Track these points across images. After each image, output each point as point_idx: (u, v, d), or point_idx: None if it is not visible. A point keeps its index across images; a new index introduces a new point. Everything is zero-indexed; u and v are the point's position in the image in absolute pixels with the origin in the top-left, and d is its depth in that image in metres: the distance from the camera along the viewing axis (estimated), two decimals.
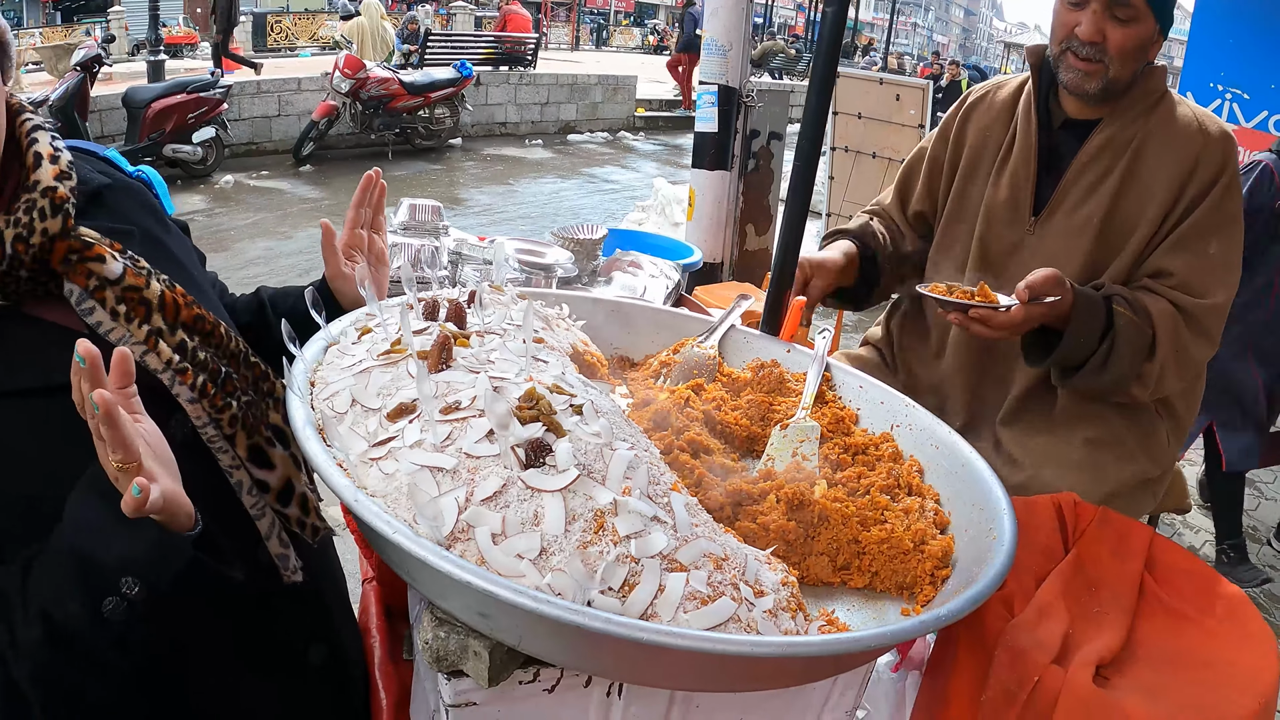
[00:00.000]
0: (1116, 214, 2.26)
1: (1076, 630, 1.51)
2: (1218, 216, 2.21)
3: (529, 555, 0.96)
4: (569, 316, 1.79)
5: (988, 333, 2.11)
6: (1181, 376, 2.25)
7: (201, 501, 1.17)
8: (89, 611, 1.06)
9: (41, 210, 1.22)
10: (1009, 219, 2.38)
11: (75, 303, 1.25)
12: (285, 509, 1.45)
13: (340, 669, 1.65)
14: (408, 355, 1.24)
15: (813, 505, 1.39)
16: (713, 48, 5.77)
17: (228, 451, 1.36)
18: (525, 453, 1.05)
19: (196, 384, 1.31)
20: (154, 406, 1.19)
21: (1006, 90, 2.48)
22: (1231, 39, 7.26)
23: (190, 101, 10.95)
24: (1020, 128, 2.37)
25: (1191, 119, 2.25)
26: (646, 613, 0.95)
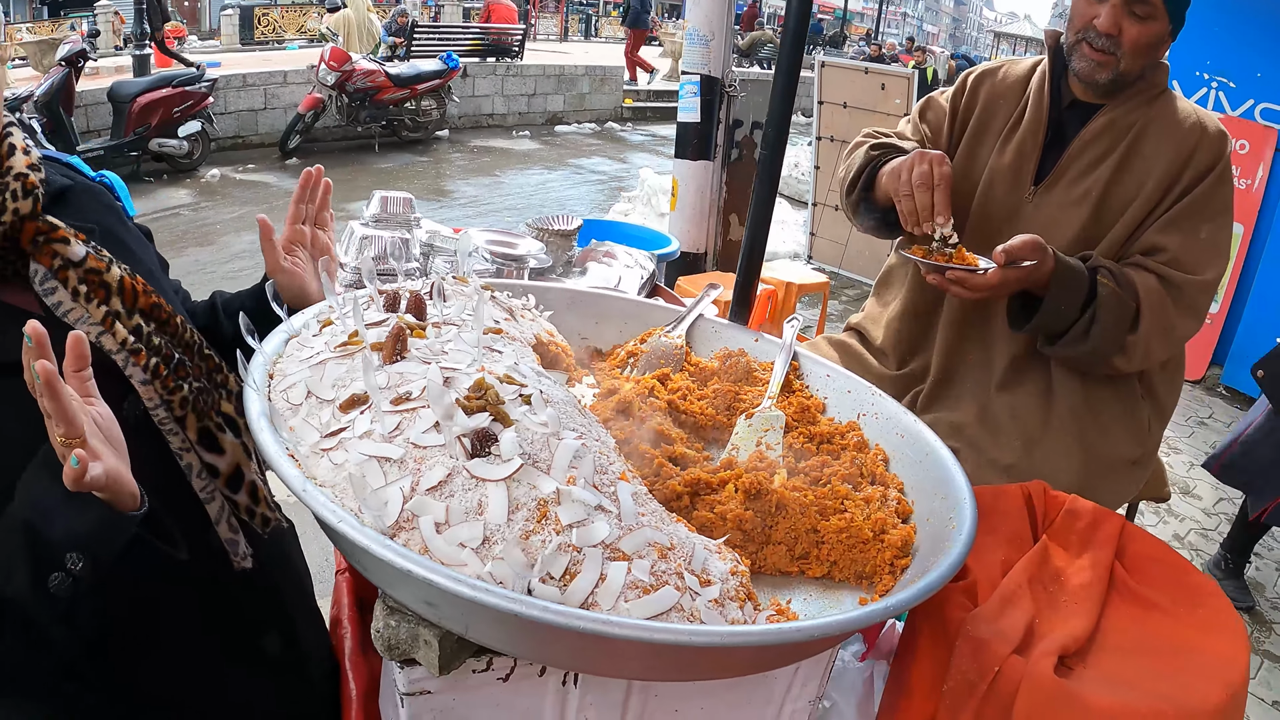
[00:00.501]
0: (1113, 190, 2.31)
1: (1042, 619, 1.50)
2: (1211, 204, 2.27)
3: (471, 544, 0.97)
4: (535, 307, 1.78)
5: (965, 293, 2.16)
6: (1166, 350, 2.30)
7: (152, 483, 1.20)
8: (35, 586, 1.08)
9: (14, 192, 1.27)
10: (1010, 185, 2.43)
11: (38, 282, 1.29)
12: (234, 495, 1.48)
13: (297, 659, 1.67)
14: (363, 347, 1.24)
15: (770, 494, 1.39)
16: (695, 38, 5.77)
17: (178, 434, 1.39)
18: (471, 442, 1.05)
19: (149, 366, 1.35)
20: (109, 388, 1.22)
21: (1019, 68, 2.55)
22: (1218, 28, 7.28)
23: (176, 95, 10.90)
24: (1032, 101, 2.43)
25: (1191, 113, 2.32)
26: (587, 601, 0.95)
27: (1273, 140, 7.08)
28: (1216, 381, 7.50)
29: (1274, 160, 7.09)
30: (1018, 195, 2.42)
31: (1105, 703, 1.32)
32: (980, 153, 2.51)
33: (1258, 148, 7.14)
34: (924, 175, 2.18)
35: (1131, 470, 2.43)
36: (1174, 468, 6.02)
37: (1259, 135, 7.15)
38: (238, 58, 16.73)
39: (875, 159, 2.45)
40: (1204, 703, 1.34)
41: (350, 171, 12.37)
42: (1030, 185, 2.41)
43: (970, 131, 2.54)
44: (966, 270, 2.12)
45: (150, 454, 1.33)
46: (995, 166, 2.45)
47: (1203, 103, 7.41)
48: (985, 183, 2.46)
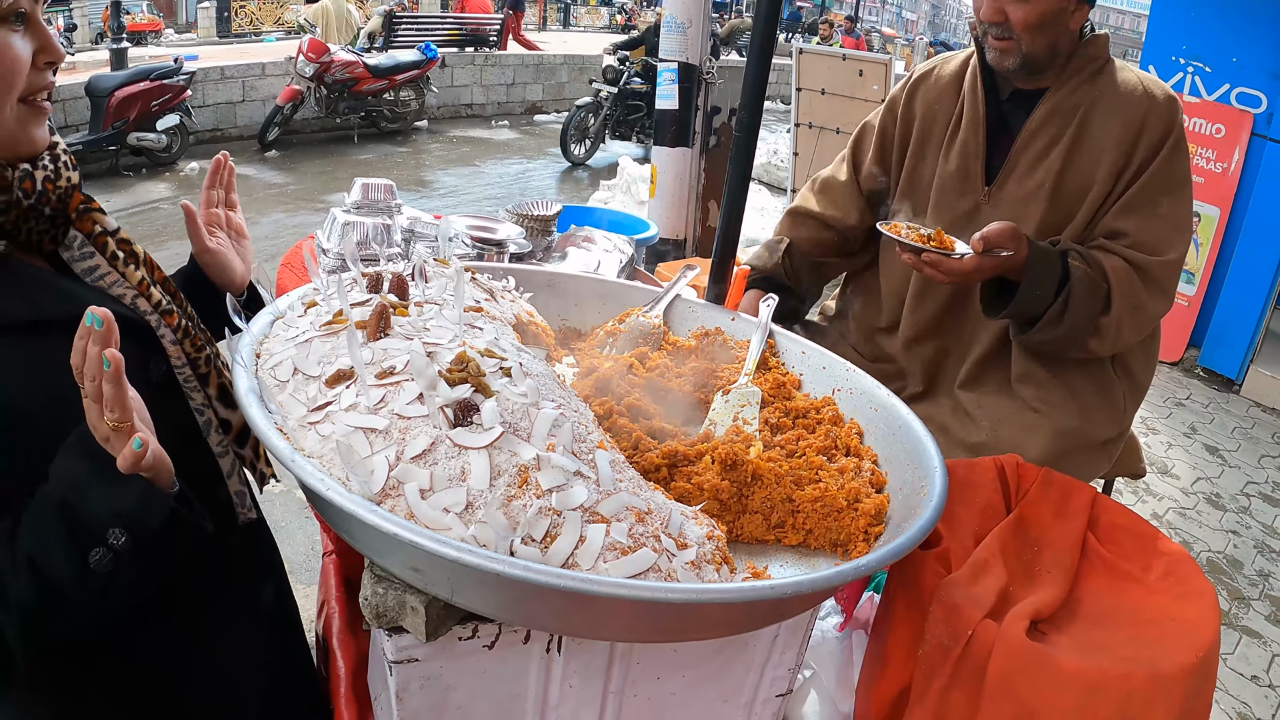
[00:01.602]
0: (1067, 178, 2.30)
1: (1016, 587, 1.54)
2: (1167, 177, 2.25)
3: (455, 509, 1.00)
4: (515, 289, 1.81)
5: (939, 277, 2.16)
6: (1138, 331, 2.29)
7: (170, 440, 1.25)
8: (75, 562, 1.13)
9: (65, 163, 1.40)
10: (961, 189, 2.42)
11: (76, 248, 1.41)
12: (242, 450, 1.57)
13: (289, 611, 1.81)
14: (348, 325, 1.26)
15: (746, 465, 1.42)
16: (672, 25, 5.79)
17: (200, 391, 1.49)
18: (454, 412, 1.08)
19: (179, 326, 1.45)
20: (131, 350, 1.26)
21: (952, 65, 2.51)
22: (1193, 12, 7.33)
23: (154, 89, 10.84)
24: (967, 100, 2.40)
25: (1136, 83, 2.29)
26: (567, 562, 0.99)
27: (1248, 124, 7.13)
28: (1194, 363, 7.57)
29: (1250, 144, 7.15)
30: (972, 198, 2.41)
31: (1077, 665, 1.34)
32: (926, 163, 2.51)
33: (1233, 131, 7.20)
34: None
35: (1103, 449, 2.43)
36: (1152, 448, 6.09)
37: (1234, 119, 7.20)
38: (215, 50, 16.67)
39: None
40: (1173, 666, 1.37)
41: (330, 163, 12.34)
42: (983, 186, 2.40)
43: (914, 144, 2.53)
44: (942, 253, 2.12)
45: (170, 411, 1.41)
46: (943, 173, 2.45)
47: (1179, 87, 7.47)
48: (936, 191, 2.46)
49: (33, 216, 1.34)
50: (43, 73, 1.31)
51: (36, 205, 1.33)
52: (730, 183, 2.07)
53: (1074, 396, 2.37)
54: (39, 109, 1.32)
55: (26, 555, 1.14)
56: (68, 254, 1.41)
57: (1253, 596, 4.59)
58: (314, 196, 10.53)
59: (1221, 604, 4.46)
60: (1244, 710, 3.78)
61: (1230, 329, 7.29)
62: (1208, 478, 5.80)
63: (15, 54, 1.25)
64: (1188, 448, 6.21)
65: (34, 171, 1.33)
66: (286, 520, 4.17)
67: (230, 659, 1.58)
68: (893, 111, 2.58)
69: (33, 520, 1.16)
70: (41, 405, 1.21)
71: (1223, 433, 6.53)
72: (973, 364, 2.47)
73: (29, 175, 1.32)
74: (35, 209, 1.34)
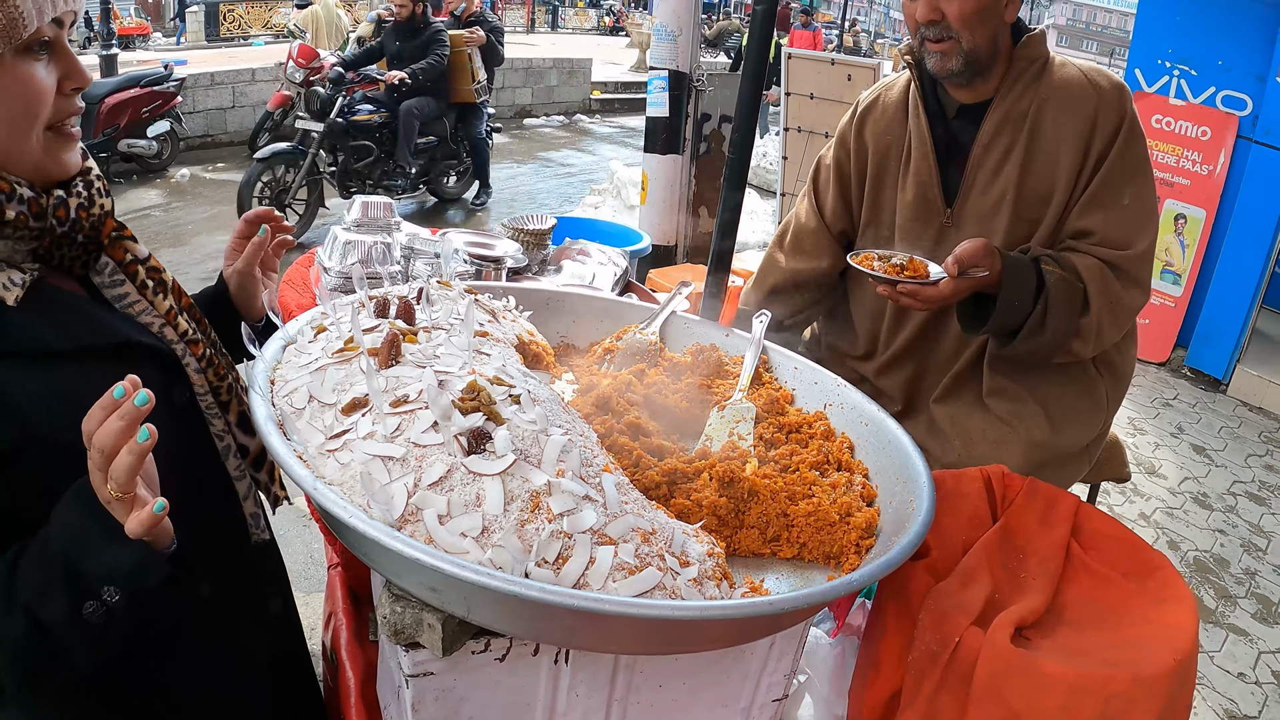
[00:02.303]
0: (1026, 186, 2.29)
1: (1002, 595, 1.58)
2: (1125, 166, 2.23)
3: (472, 533, 1.06)
4: (515, 308, 1.87)
5: (917, 305, 2.17)
6: (1118, 328, 2.30)
7: (192, 464, 1.33)
8: (69, 613, 1.14)
9: (98, 190, 1.41)
10: (922, 216, 2.42)
11: (106, 275, 1.43)
12: (258, 474, 1.61)
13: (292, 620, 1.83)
14: (359, 353, 1.32)
15: (743, 482, 1.48)
16: (663, 33, 5.83)
17: (221, 418, 1.52)
18: (467, 440, 1.14)
19: (203, 355, 1.48)
20: (153, 377, 1.33)
21: (895, 90, 2.50)
22: (1179, 16, 7.39)
23: (144, 95, 10.85)
24: (913, 124, 2.40)
25: (1080, 77, 2.27)
26: (579, 582, 1.05)
27: (1234, 126, 7.21)
28: (1181, 364, 7.64)
29: (1235, 146, 7.22)
30: (935, 222, 2.41)
31: (1060, 670, 1.39)
32: (885, 194, 2.50)
33: (1219, 134, 7.28)
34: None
35: (1082, 453, 2.46)
36: (1139, 448, 6.15)
37: (1220, 121, 7.28)
38: (203, 55, 16.64)
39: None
40: (1154, 668, 1.41)
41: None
42: (943, 208, 2.39)
43: (870, 177, 2.51)
44: (918, 283, 2.12)
45: (190, 437, 1.47)
46: (903, 204, 2.44)
47: (1164, 91, 7.54)
48: (900, 222, 2.45)
49: (66, 243, 1.37)
50: (69, 99, 1.32)
51: (70, 233, 1.36)
52: (724, 203, 2.12)
53: (1045, 408, 2.37)
54: (67, 135, 1.34)
55: (23, 599, 1.16)
56: (98, 279, 1.43)
57: (1239, 594, 4.65)
58: None
59: (1208, 602, 4.53)
60: (1230, 707, 3.84)
61: (1217, 329, 7.35)
62: (1195, 477, 5.86)
63: (39, 83, 1.26)
64: (1175, 448, 6.27)
65: (68, 199, 1.35)
66: (285, 529, 4.22)
67: (235, 671, 1.62)
68: (845, 147, 2.56)
69: (32, 566, 1.17)
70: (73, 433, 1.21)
71: (1209, 432, 6.59)
72: (949, 380, 2.48)
73: (63, 202, 1.34)
74: (69, 236, 1.36)
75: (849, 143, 2.55)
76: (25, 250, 1.32)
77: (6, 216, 1.25)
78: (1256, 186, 7.04)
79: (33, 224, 1.29)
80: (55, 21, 1.27)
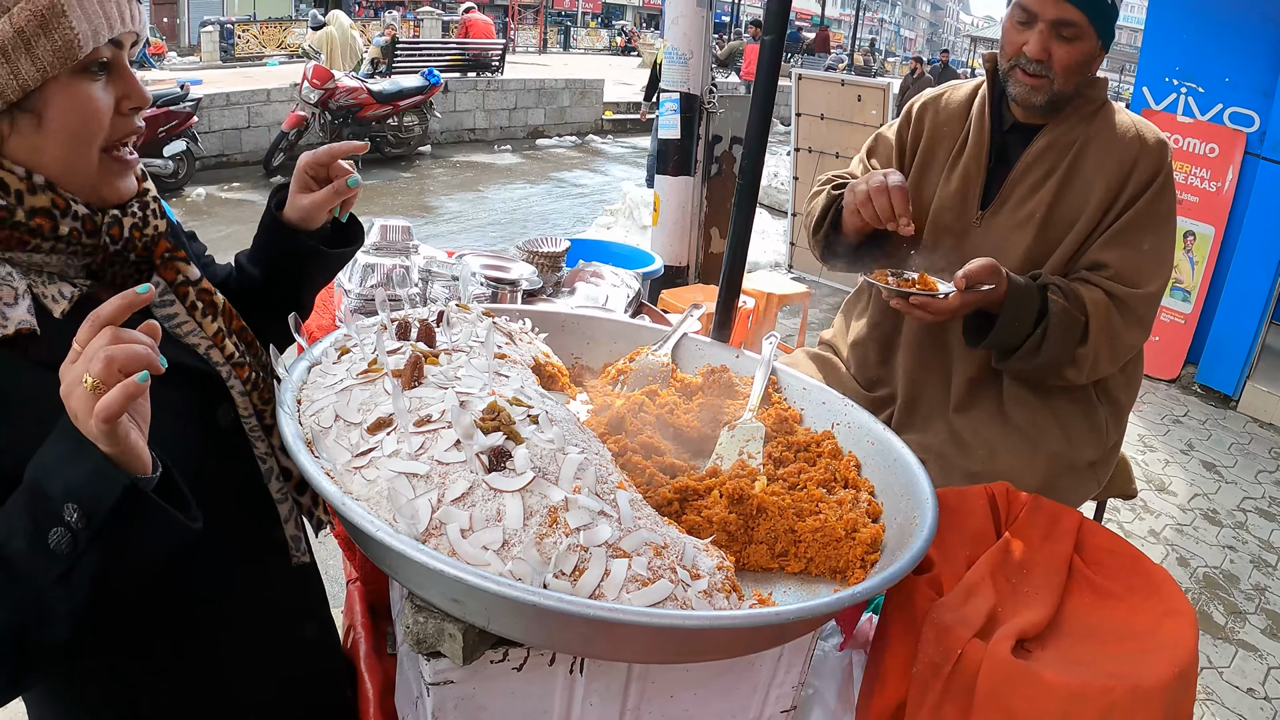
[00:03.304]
0: (1057, 210, 2.38)
1: (1004, 608, 1.61)
2: (1152, 215, 2.34)
3: (493, 547, 1.11)
4: (531, 330, 1.92)
5: (928, 317, 2.26)
6: (1114, 361, 2.37)
7: (234, 484, 1.36)
8: (36, 543, 1.10)
9: (153, 210, 1.44)
10: (958, 210, 2.50)
11: (157, 295, 1.43)
12: (301, 497, 1.62)
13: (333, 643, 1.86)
14: (384, 374, 1.38)
15: (752, 499, 1.52)
16: (674, 56, 5.89)
17: (264, 440, 1.53)
18: (488, 458, 1.19)
19: (249, 379, 1.50)
20: (204, 396, 1.40)
21: (961, 92, 2.61)
22: (1186, 34, 7.43)
23: (160, 115, 10.98)
24: (974, 127, 2.49)
25: (1130, 126, 2.38)
26: (594, 593, 1.10)
27: (1241, 143, 7.23)
28: (1191, 380, 7.64)
29: (1243, 162, 7.24)
30: (966, 220, 2.50)
31: (1060, 681, 1.43)
32: (928, 180, 2.58)
33: (1227, 151, 7.29)
34: (879, 181, 2.28)
35: (1091, 471, 2.51)
36: (1149, 465, 6.17)
37: (1228, 139, 7.30)
38: (218, 75, 16.79)
39: (837, 199, 2.52)
40: (1153, 679, 1.44)
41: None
42: (977, 210, 2.48)
43: (918, 161, 2.61)
44: (928, 296, 2.21)
45: (235, 457, 1.49)
46: (943, 193, 2.52)
47: (1172, 108, 7.57)
48: (935, 210, 2.53)
49: (118, 261, 1.39)
50: (127, 119, 1.34)
51: (123, 251, 1.38)
52: (734, 229, 2.17)
53: (1058, 420, 2.45)
54: (123, 161, 1.36)
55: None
56: (156, 299, 1.44)
57: (1249, 610, 4.66)
58: None
59: (1218, 618, 4.55)
60: None
61: (1227, 346, 7.36)
62: (1205, 494, 5.87)
63: (96, 104, 1.28)
64: (1185, 464, 6.28)
65: (122, 219, 1.37)
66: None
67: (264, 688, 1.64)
68: (906, 123, 2.66)
69: (7, 507, 1.15)
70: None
71: (1220, 449, 6.60)
72: (964, 386, 2.53)
73: (117, 221, 1.36)
74: (121, 254, 1.38)
75: (910, 121, 2.66)
76: (78, 265, 1.35)
77: (60, 232, 1.28)
78: (1265, 202, 7.05)
79: (86, 240, 1.32)
80: (113, 43, 1.29)
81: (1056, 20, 2.26)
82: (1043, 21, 2.27)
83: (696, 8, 5.77)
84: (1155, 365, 7.66)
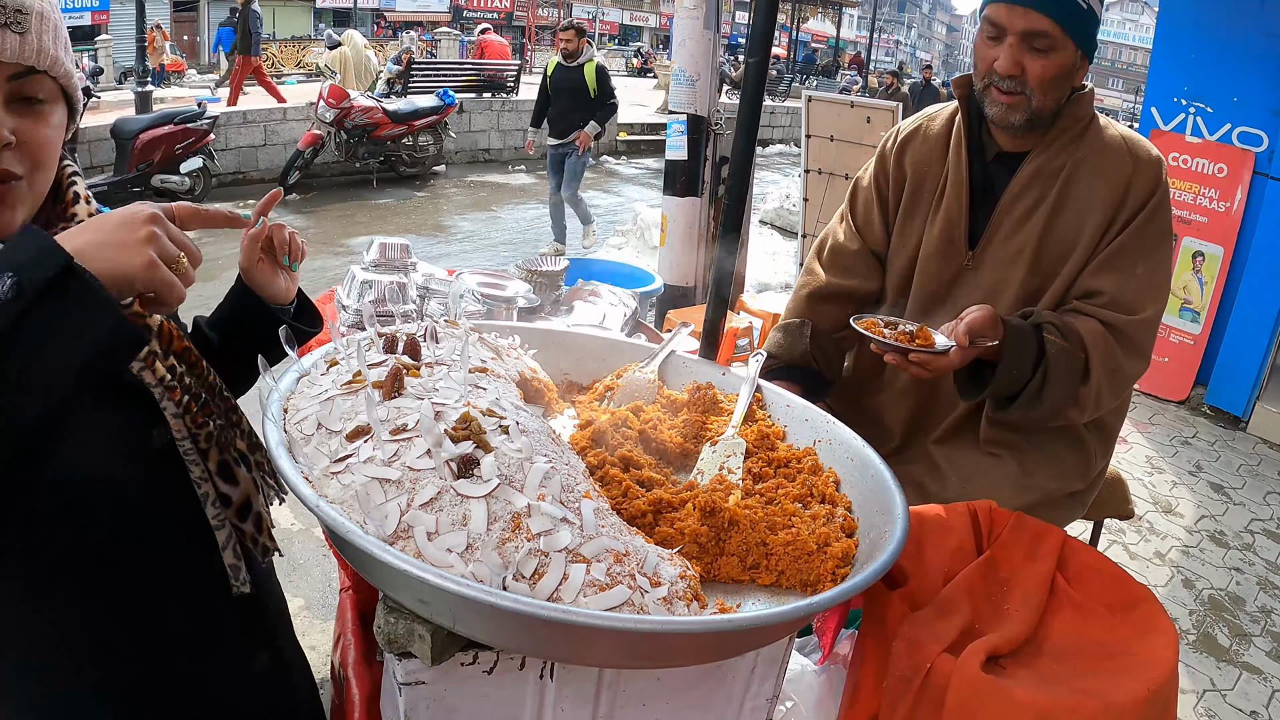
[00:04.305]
0: (1049, 241, 2.29)
1: (982, 625, 1.64)
2: (1146, 237, 2.24)
3: (457, 549, 1.15)
4: (520, 346, 1.96)
5: (926, 374, 2.16)
6: (1115, 395, 2.28)
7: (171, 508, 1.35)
8: None
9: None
10: (945, 254, 2.42)
11: None
12: (242, 524, 1.59)
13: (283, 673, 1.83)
14: (366, 385, 1.42)
15: (724, 512, 1.55)
16: (681, 78, 5.94)
17: (199, 465, 1.51)
18: (457, 465, 1.24)
19: (181, 402, 1.46)
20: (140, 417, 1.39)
21: (939, 122, 2.50)
22: (1193, 54, 7.43)
23: (178, 132, 11.13)
24: (952, 162, 2.40)
25: (1121, 144, 2.29)
26: (552, 596, 1.14)
27: (1250, 163, 7.21)
28: (1200, 401, 7.61)
29: (1252, 182, 7.23)
30: (956, 263, 2.41)
31: (1030, 696, 1.45)
32: (914, 225, 2.49)
33: (1235, 170, 7.29)
34: None
35: (1073, 499, 2.45)
36: (1157, 486, 6.15)
37: (1236, 158, 7.28)
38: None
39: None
40: (1126, 698, 1.47)
41: (349, 207, 12.53)
42: (965, 250, 2.39)
43: (903, 208, 2.51)
44: (929, 352, 2.11)
45: (171, 480, 1.49)
46: (929, 238, 2.44)
47: (1181, 129, 7.57)
48: (922, 256, 2.46)
49: None
50: None
51: None
52: (721, 249, 2.19)
53: (1042, 451, 2.38)
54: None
55: None
56: None
57: (1254, 633, 4.64)
58: (333, 240, 10.71)
59: (1222, 640, 4.53)
60: None
61: (1236, 366, 7.33)
62: (1212, 515, 5.85)
63: None
64: (1193, 486, 6.26)
65: None
66: (305, 558, 4.30)
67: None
68: (884, 167, 2.56)
69: None
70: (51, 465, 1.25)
71: (1228, 470, 6.58)
72: (951, 421, 2.49)
73: None
74: None
75: (888, 165, 2.55)
76: None
77: None
78: (1274, 221, 7.04)
79: None
80: None
81: (1026, 31, 2.15)
82: (1012, 34, 2.17)
83: (704, 30, 5.81)
84: (1164, 386, 7.65)
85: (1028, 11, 2.14)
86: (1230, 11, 7.18)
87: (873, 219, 2.60)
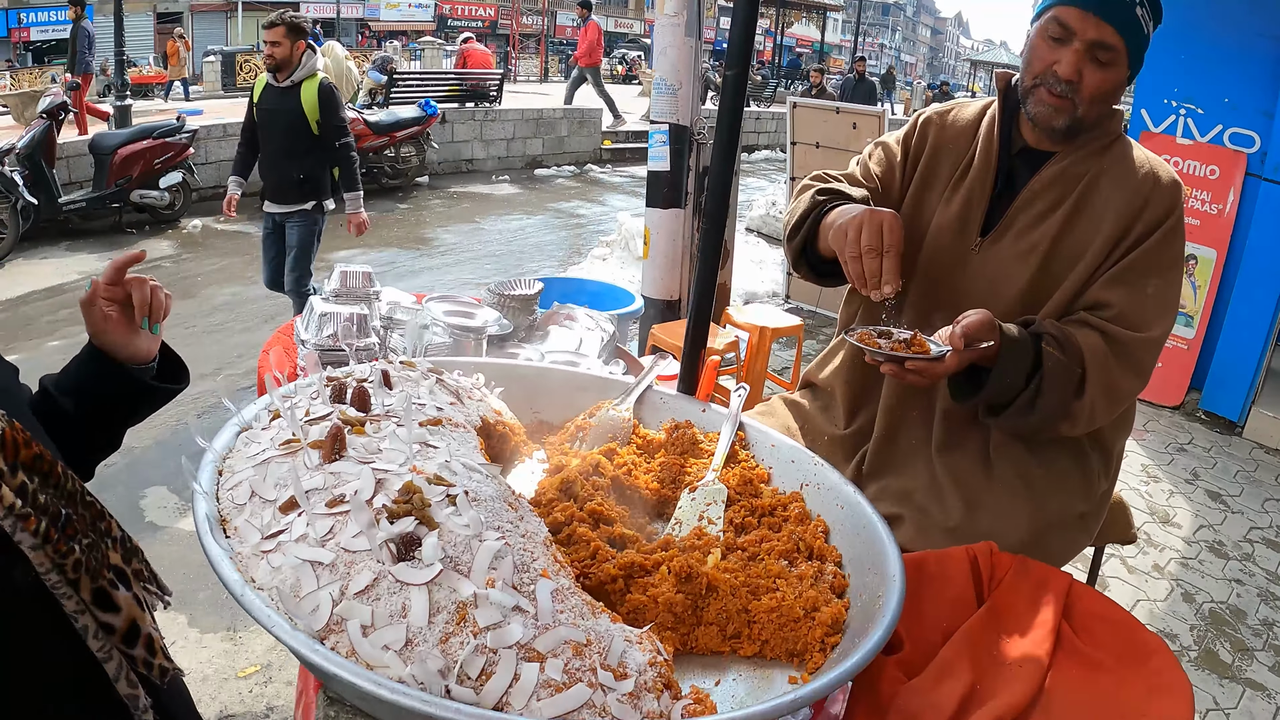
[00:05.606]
0: (1062, 243, 2.27)
1: (983, 687, 1.54)
2: (1160, 257, 2.22)
3: (395, 646, 1.03)
4: (486, 385, 1.84)
5: (924, 382, 2.13)
6: (1110, 412, 2.25)
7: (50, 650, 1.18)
8: None
9: None
10: (957, 235, 2.39)
11: None
12: (131, 650, 1.36)
13: None
14: (303, 446, 1.29)
15: (701, 577, 1.44)
16: (663, 87, 5.83)
17: (72, 597, 1.27)
18: (397, 546, 1.11)
19: (39, 530, 1.23)
20: None
21: (969, 111, 2.50)
22: (1184, 55, 7.38)
23: (157, 147, 11.06)
24: (981, 148, 2.39)
25: (1145, 162, 2.28)
26: (501, 701, 1.01)
27: (1242, 165, 7.16)
28: (1195, 406, 7.55)
29: (1244, 184, 7.18)
30: (964, 246, 2.37)
31: None
32: (928, 200, 2.46)
33: (1228, 173, 7.23)
34: (874, 239, 2.07)
35: (1081, 523, 2.38)
36: (1153, 496, 6.07)
37: (1228, 160, 7.23)
38: (220, 104, 16.87)
39: (820, 204, 2.36)
40: None
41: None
42: (977, 236, 2.36)
43: (919, 177, 2.49)
44: (924, 359, 2.04)
45: (45, 618, 1.27)
46: (942, 215, 2.41)
47: (1171, 130, 7.52)
48: (932, 233, 2.42)
49: None
50: None
51: None
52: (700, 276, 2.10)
53: (1050, 469, 2.33)
54: None
55: None
56: None
57: (1256, 647, 4.55)
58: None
59: (1224, 656, 4.44)
60: None
61: (1231, 370, 7.27)
62: (1210, 525, 5.77)
63: None
64: (1189, 494, 6.18)
65: None
66: None
67: None
68: (912, 132, 2.55)
69: None
70: None
71: (1225, 477, 6.50)
72: (946, 421, 2.41)
73: None
74: None
75: (913, 135, 2.54)
76: None
77: None
78: (1267, 223, 6.98)
79: None
80: None
81: (1095, 41, 2.14)
82: (1080, 41, 2.15)
83: (685, 38, 5.70)
84: (1158, 392, 7.58)
85: (1101, 23, 2.14)
86: (1221, 11, 7.15)
87: (886, 170, 2.56)
